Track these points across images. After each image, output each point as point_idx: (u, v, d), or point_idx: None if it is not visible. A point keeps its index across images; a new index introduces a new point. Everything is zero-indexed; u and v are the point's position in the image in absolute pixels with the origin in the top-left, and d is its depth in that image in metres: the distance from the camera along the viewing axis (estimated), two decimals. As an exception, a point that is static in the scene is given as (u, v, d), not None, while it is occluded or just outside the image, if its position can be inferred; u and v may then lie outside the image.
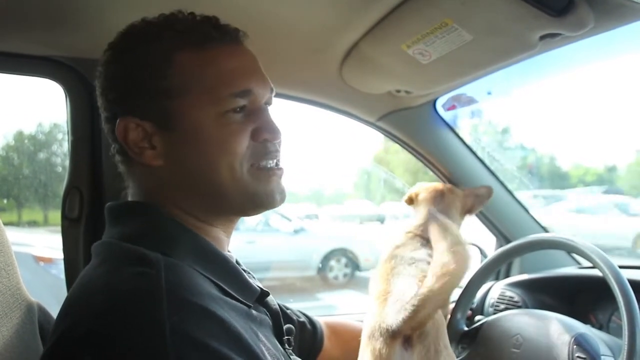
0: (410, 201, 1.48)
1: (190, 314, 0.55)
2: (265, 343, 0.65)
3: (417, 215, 1.40)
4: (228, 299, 0.64)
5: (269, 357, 0.63)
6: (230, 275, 0.69)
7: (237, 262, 0.76)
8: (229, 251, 0.77)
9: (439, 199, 1.41)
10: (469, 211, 1.41)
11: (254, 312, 0.70)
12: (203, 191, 0.70)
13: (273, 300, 0.79)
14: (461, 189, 1.43)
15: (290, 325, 0.82)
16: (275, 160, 0.73)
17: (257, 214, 0.75)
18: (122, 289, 0.57)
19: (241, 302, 0.67)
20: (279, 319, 0.78)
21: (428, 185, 1.47)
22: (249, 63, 0.73)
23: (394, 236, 1.39)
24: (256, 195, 0.71)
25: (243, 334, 0.58)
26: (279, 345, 0.73)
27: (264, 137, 0.71)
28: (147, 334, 0.52)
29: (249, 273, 0.77)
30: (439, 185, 1.46)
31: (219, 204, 0.71)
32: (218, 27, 0.71)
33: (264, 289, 0.74)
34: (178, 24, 0.70)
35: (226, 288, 0.66)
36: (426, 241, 1.32)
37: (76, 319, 0.58)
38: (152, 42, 0.69)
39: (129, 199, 0.75)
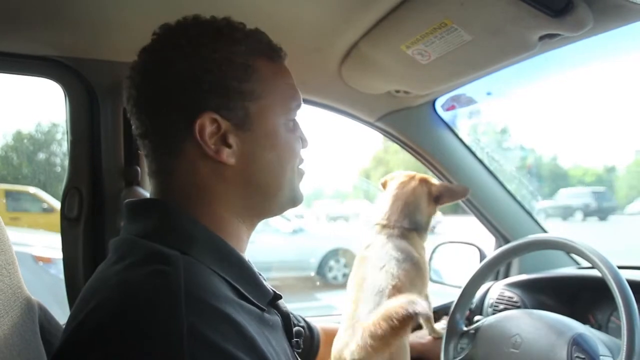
0: (385, 186, 1.54)
1: (208, 316, 0.55)
2: (275, 348, 0.65)
3: (384, 202, 1.47)
4: (243, 302, 0.65)
5: None
6: (246, 276, 0.69)
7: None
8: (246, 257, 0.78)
9: (405, 184, 1.47)
10: (436, 201, 1.46)
11: (267, 315, 0.70)
12: (264, 190, 0.74)
13: (283, 302, 0.80)
14: (439, 182, 1.48)
15: (300, 328, 0.83)
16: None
17: (285, 211, 0.82)
18: (139, 285, 0.57)
19: (255, 305, 0.67)
20: (290, 321, 0.78)
21: (404, 172, 1.52)
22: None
23: (365, 233, 1.47)
24: (296, 196, 0.79)
25: (257, 339, 0.58)
26: (289, 348, 0.74)
27: (304, 144, 0.80)
28: (164, 333, 0.52)
29: (260, 275, 0.77)
30: (413, 173, 1.51)
31: (268, 202, 0.76)
32: (275, 43, 0.77)
33: (277, 291, 0.75)
34: (250, 32, 0.74)
35: (242, 290, 0.66)
36: (394, 230, 1.41)
37: (91, 315, 0.57)
38: (239, 44, 0.71)
39: (151, 195, 0.74)
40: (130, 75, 0.71)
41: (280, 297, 0.76)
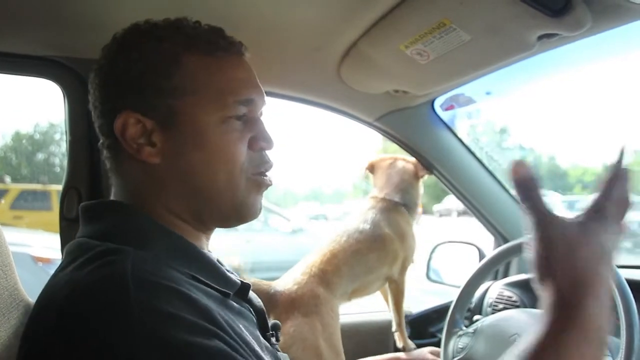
0: (371, 168, 1.80)
1: (158, 292, 0.54)
2: (242, 330, 0.63)
3: (379, 180, 1.72)
4: (201, 285, 0.63)
5: (250, 342, 0.61)
6: (206, 267, 0.68)
7: (218, 261, 0.74)
8: (209, 250, 0.76)
9: (394, 164, 1.74)
10: (421, 175, 1.73)
11: (231, 302, 0.68)
12: (195, 194, 0.70)
13: (257, 297, 0.79)
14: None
15: (277, 321, 0.82)
16: (268, 171, 0.75)
17: (235, 226, 0.75)
18: (86, 279, 0.56)
19: (217, 291, 0.66)
20: (264, 315, 0.77)
21: (385, 155, 1.79)
22: (251, 74, 0.75)
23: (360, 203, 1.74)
24: (243, 205, 0.72)
25: (213, 310, 0.57)
26: (264, 340, 0.72)
27: (261, 145, 0.73)
28: (115, 313, 0.51)
29: (231, 272, 0.75)
30: (394, 155, 1.78)
31: (206, 209, 0.71)
32: (225, 37, 0.74)
33: (245, 281, 0.73)
34: (186, 29, 0.72)
35: (201, 278, 0.65)
36: (383, 203, 1.65)
37: (44, 316, 0.57)
38: (162, 41, 0.70)
39: (112, 197, 0.74)
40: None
41: (249, 287, 0.74)
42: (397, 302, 1.62)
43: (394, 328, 1.62)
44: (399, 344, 1.63)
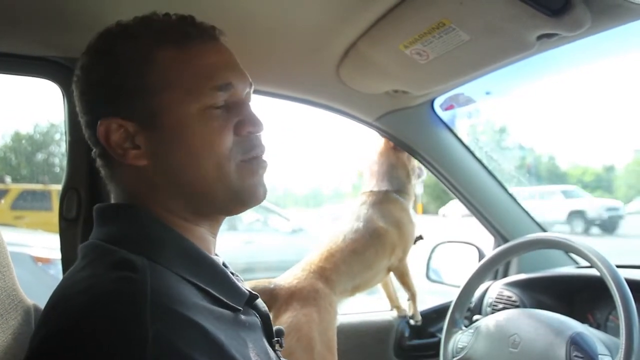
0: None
1: (173, 323, 0.54)
2: (254, 349, 0.64)
3: (366, 176, 1.75)
4: (214, 307, 0.63)
5: None
6: (218, 279, 0.68)
7: (224, 264, 0.75)
8: (216, 254, 0.76)
9: (373, 157, 1.75)
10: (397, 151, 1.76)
11: (242, 316, 0.68)
12: (188, 190, 0.69)
13: (262, 302, 0.78)
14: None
15: (281, 327, 0.82)
16: (260, 153, 0.73)
17: (241, 212, 0.74)
18: (106, 291, 0.56)
19: (229, 307, 0.66)
20: (269, 321, 0.77)
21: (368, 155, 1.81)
22: (228, 58, 0.73)
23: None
24: (240, 192, 0.70)
25: (226, 345, 0.57)
26: (270, 348, 0.73)
27: (247, 129, 0.70)
28: (130, 339, 0.51)
29: (237, 276, 0.75)
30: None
31: (203, 202, 0.70)
32: (195, 25, 0.71)
33: (253, 292, 0.73)
34: (155, 23, 0.70)
35: (214, 292, 0.65)
36: (374, 197, 1.67)
37: (58, 321, 0.57)
38: (130, 41, 0.68)
39: (112, 202, 0.73)
40: None
41: (256, 297, 0.74)
42: (404, 281, 1.70)
43: (407, 298, 1.71)
44: (409, 312, 1.70)
